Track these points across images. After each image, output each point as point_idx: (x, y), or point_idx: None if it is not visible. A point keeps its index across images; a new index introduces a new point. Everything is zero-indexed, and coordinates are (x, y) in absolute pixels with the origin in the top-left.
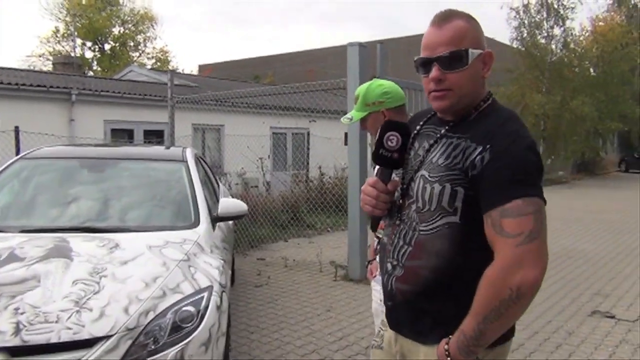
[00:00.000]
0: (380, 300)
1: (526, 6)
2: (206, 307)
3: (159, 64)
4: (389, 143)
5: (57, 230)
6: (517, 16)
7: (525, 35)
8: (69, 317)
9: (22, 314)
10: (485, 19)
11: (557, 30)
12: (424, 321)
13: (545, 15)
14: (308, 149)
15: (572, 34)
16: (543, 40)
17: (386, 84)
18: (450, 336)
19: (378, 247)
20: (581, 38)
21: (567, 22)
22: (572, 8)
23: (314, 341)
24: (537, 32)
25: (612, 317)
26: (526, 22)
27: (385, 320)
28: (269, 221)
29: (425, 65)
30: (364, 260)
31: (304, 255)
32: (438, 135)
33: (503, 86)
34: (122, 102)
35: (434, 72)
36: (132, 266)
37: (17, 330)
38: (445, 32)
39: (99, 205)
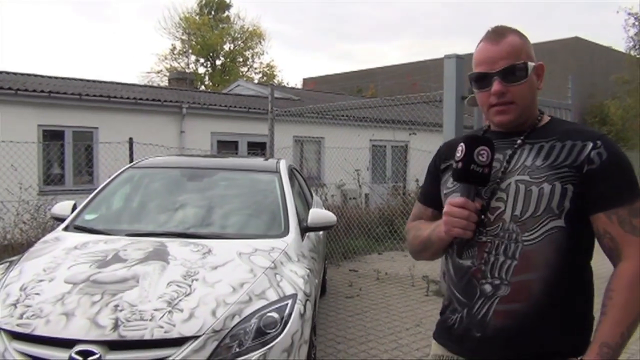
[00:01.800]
0: None
1: None
2: (290, 314)
3: (265, 78)
4: (480, 158)
5: (157, 235)
6: (636, 22)
7: None
8: (162, 317)
9: (120, 311)
10: (598, 25)
11: None
12: (531, 346)
13: None
14: (406, 161)
15: None
16: None
17: None
18: (580, 357)
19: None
20: None
21: None
22: None
23: (401, 355)
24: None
25: None
26: None
27: (446, 355)
28: (364, 233)
29: (483, 79)
30: None
31: (397, 269)
32: (516, 145)
33: (618, 98)
34: (228, 115)
35: (496, 85)
36: (221, 271)
37: (116, 326)
38: (503, 47)
39: (196, 212)
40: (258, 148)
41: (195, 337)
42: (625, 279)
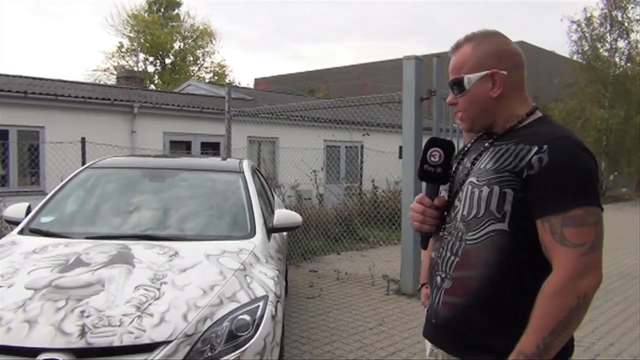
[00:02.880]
0: None
1: (589, 19)
2: (261, 317)
3: (216, 77)
4: (432, 158)
5: (119, 237)
6: (579, 29)
7: (586, 48)
8: (131, 322)
9: (87, 317)
10: (542, 32)
11: (621, 43)
12: (470, 338)
13: (608, 28)
14: (362, 162)
15: (637, 46)
16: (606, 54)
17: None
18: None
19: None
20: None
21: (633, 35)
22: (638, 20)
23: (366, 355)
24: (599, 45)
25: None
26: (588, 35)
27: (430, 350)
28: (321, 233)
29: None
30: (417, 274)
31: (356, 269)
32: (484, 147)
33: (562, 101)
34: (181, 115)
35: (448, 97)
36: (190, 274)
37: (83, 333)
38: (453, 60)
39: (159, 214)
40: (211, 148)
41: (167, 343)
42: (547, 290)
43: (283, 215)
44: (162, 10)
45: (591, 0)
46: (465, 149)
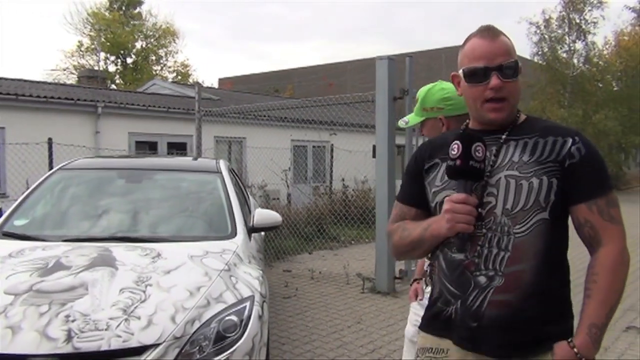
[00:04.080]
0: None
1: (547, 21)
2: (249, 317)
3: (179, 77)
4: (477, 154)
5: (98, 239)
6: (538, 31)
7: (546, 49)
8: (118, 325)
9: (72, 321)
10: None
11: (579, 45)
12: (523, 333)
13: (567, 30)
14: (332, 161)
15: (594, 48)
16: (564, 55)
17: (449, 88)
18: (569, 339)
19: (428, 270)
20: (604, 52)
21: (590, 37)
22: (595, 23)
23: (347, 353)
24: (558, 46)
25: None
26: (547, 36)
27: (437, 346)
28: (293, 233)
29: (479, 74)
30: (391, 272)
31: (330, 268)
32: (501, 141)
33: (522, 100)
34: (147, 115)
35: (495, 80)
36: (175, 275)
37: (69, 338)
38: (500, 44)
39: (138, 215)
40: (178, 149)
41: (156, 345)
42: (607, 263)
43: (263, 215)
44: (123, 8)
45: (549, 2)
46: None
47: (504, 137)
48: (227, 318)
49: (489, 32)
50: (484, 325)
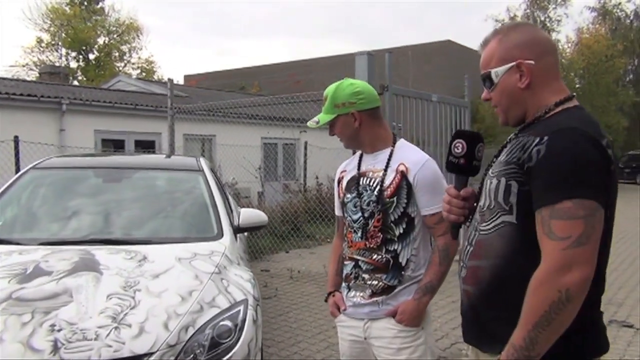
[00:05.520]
0: (355, 337)
1: (512, 19)
2: (243, 322)
3: (144, 74)
4: (455, 150)
5: (77, 242)
6: None
7: None
8: (108, 334)
9: (58, 330)
10: (469, 31)
11: None
12: (484, 327)
13: None
14: (305, 159)
15: (558, 45)
16: None
17: (358, 83)
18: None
19: (351, 273)
20: (567, 50)
21: (554, 35)
22: (559, 21)
23: (335, 354)
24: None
25: (631, 326)
26: None
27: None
28: (268, 232)
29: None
30: None
31: (308, 267)
32: (509, 139)
33: None
34: (113, 112)
35: (483, 93)
36: (164, 279)
37: (56, 349)
38: (482, 56)
39: (119, 216)
40: (146, 147)
41: (149, 354)
42: (532, 282)
43: (249, 214)
44: (85, 3)
45: (513, 0)
46: (505, 143)
47: (512, 136)
48: (221, 323)
49: (483, 42)
50: (462, 311)
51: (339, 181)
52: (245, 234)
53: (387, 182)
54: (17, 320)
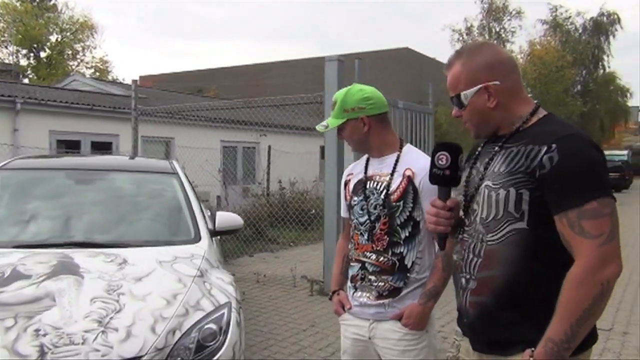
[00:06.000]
0: (359, 336)
1: (469, 29)
2: (227, 324)
3: (98, 73)
4: (439, 162)
5: (53, 245)
6: (460, 38)
7: None
8: (95, 338)
9: (44, 335)
10: (426, 40)
11: None
12: (499, 333)
13: (487, 38)
14: (269, 163)
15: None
16: None
17: (367, 89)
18: (533, 348)
19: (357, 274)
20: (520, 60)
21: (508, 45)
22: (513, 32)
23: (307, 357)
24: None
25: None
26: (469, 43)
27: (459, 330)
28: (232, 236)
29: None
30: None
31: (274, 271)
32: (495, 150)
33: (445, 105)
34: (69, 113)
35: (453, 111)
36: (147, 282)
37: (42, 354)
38: (448, 79)
39: (94, 219)
40: (103, 148)
41: (138, 358)
42: (571, 279)
43: (225, 217)
44: (37, 0)
45: (468, 9)
46: (477, 153)
47: (497, 147)
48: (206, 327)
49: (446, 65)
50: (469, 322)
51: (346, 184)
52: (218, 237)
53: (393, 187)
54: (0, 325)
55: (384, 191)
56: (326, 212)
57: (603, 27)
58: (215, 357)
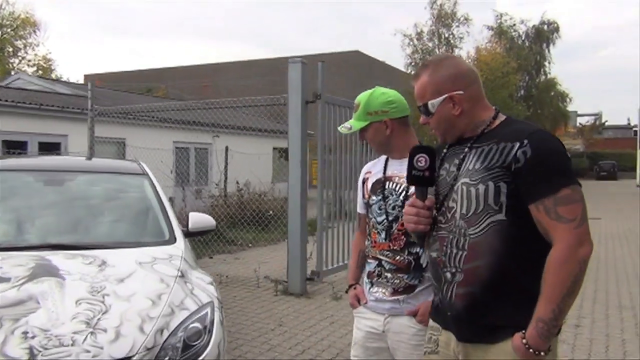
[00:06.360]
0: (374, 329)
1: (419, 34)
2: (212, 323)
3: (40, 72)
4: (419, 164)
5: (27, 248)
6: (411, 43)
7: (418, 61)
8: (85, 339)
9: (32, 337)
10: (379, 44)
11: None
12: (487, 321)
13: (437, 43)
14: (226, 164)
15: None
16: None
17: (390, 93)
18: (523, 331)
19: (374, 271)
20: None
21: (457, 51)
22: (461, 38)
23: (278, 356)
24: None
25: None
26: (419, 49)
27: (435, 325)
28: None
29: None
30: (304, 274)
31: (235, 272)
32: (465, 150)
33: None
34: (15, 112)
35: (421, 118)
36: (130, 283)
37: (32, 356)
38: (416, 89)
39: (66, 221)
40: (51, 149)
41: (128, 358)
42: (552, 261)
43: (198, 218)
44: None
45: (416, 15)
46: (442, 155)
47: (466, 148)
48: (191, 326)
49: (415, 75)
50: (454, 315)
51: (364, 181)
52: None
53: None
54: None
55: (404, 192)
56: (290, 213)
57: (544, 34)
58: (202, 356)
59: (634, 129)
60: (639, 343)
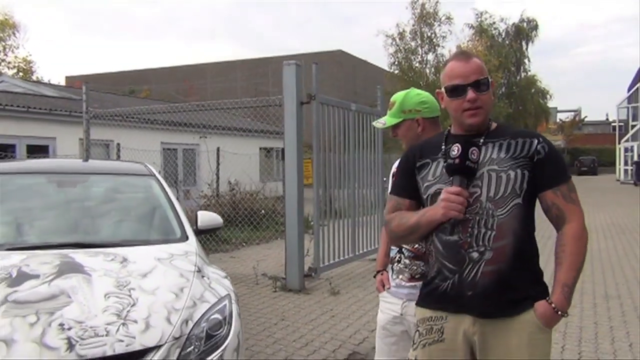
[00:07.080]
0: (394, 313)
1: (401, 34)
2: (230, 314)
3: (21, 74)
4: (472, 156)
5: (47, 247)
6: (394, 43)
7: (401, 60)
8: (118, 330)
9: (69, 329)
10: (354, 42)
11: (430, 56)
12: (511, 296)
13: (419, 42)
14: (218, 164)
15: (443, 59)
16: (418, 65)
17: (424, 94)
18: (547, 298)
19: (395, 257)
20: None
21: (439, 49)
22: (444, 37)
23: (283, 348)
24: (412, 57)
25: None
26: (402, 48)
27: (436, 315)
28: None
29: (458, 90)
30: (301, 270)
31: (232, 270)
32: (480, 143)
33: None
34: (3, 115)
35: (471, 93)
36: (153, 278)
37: (71, 346)
38: (472, 65)
39: (84, 221)
40: (39, 152)
41: (158, 347)
42: (573, 234)
43: (207, 216)
44: None
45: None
46: (442, 150)
47: (482, 140)
48: (212, 317)
49: (463, 56)
50: (477, 293)
51: (394, 175)
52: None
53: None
54: (23, 321)
55: None
56: (287, 211)
57: (524, 32)
58: (224, 345)
59: (612, 124)
60: (625, 330)
